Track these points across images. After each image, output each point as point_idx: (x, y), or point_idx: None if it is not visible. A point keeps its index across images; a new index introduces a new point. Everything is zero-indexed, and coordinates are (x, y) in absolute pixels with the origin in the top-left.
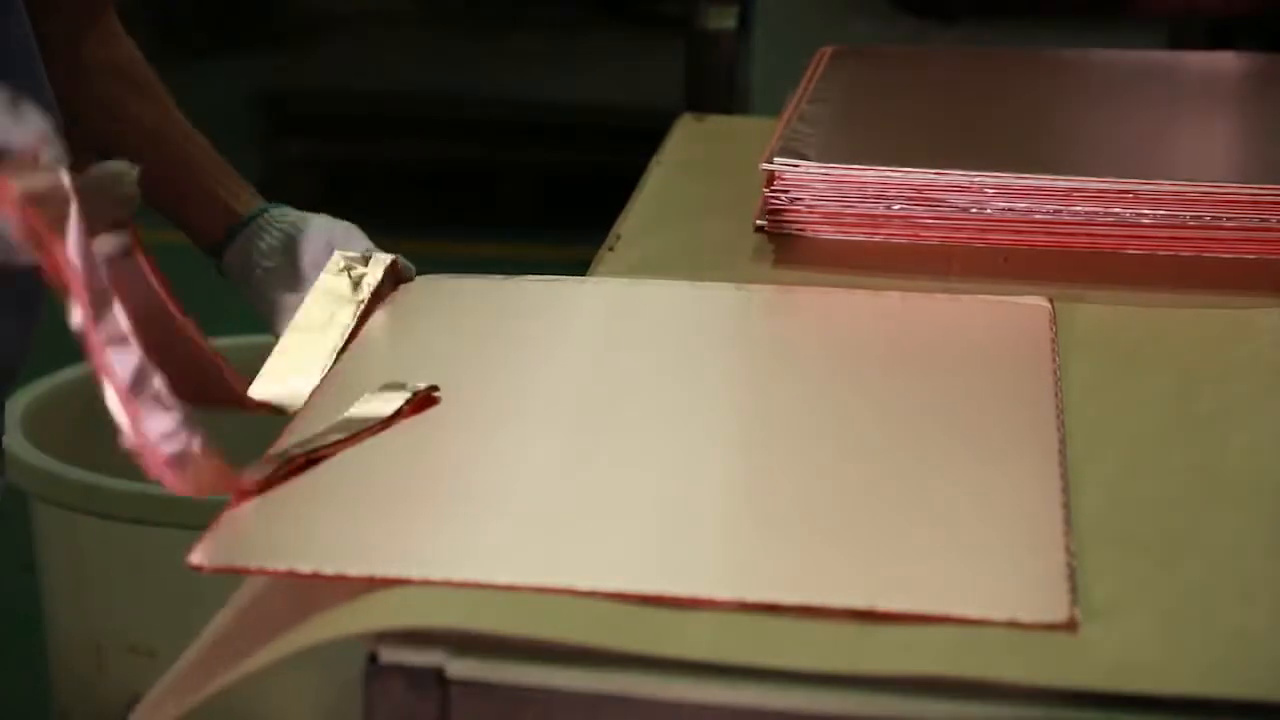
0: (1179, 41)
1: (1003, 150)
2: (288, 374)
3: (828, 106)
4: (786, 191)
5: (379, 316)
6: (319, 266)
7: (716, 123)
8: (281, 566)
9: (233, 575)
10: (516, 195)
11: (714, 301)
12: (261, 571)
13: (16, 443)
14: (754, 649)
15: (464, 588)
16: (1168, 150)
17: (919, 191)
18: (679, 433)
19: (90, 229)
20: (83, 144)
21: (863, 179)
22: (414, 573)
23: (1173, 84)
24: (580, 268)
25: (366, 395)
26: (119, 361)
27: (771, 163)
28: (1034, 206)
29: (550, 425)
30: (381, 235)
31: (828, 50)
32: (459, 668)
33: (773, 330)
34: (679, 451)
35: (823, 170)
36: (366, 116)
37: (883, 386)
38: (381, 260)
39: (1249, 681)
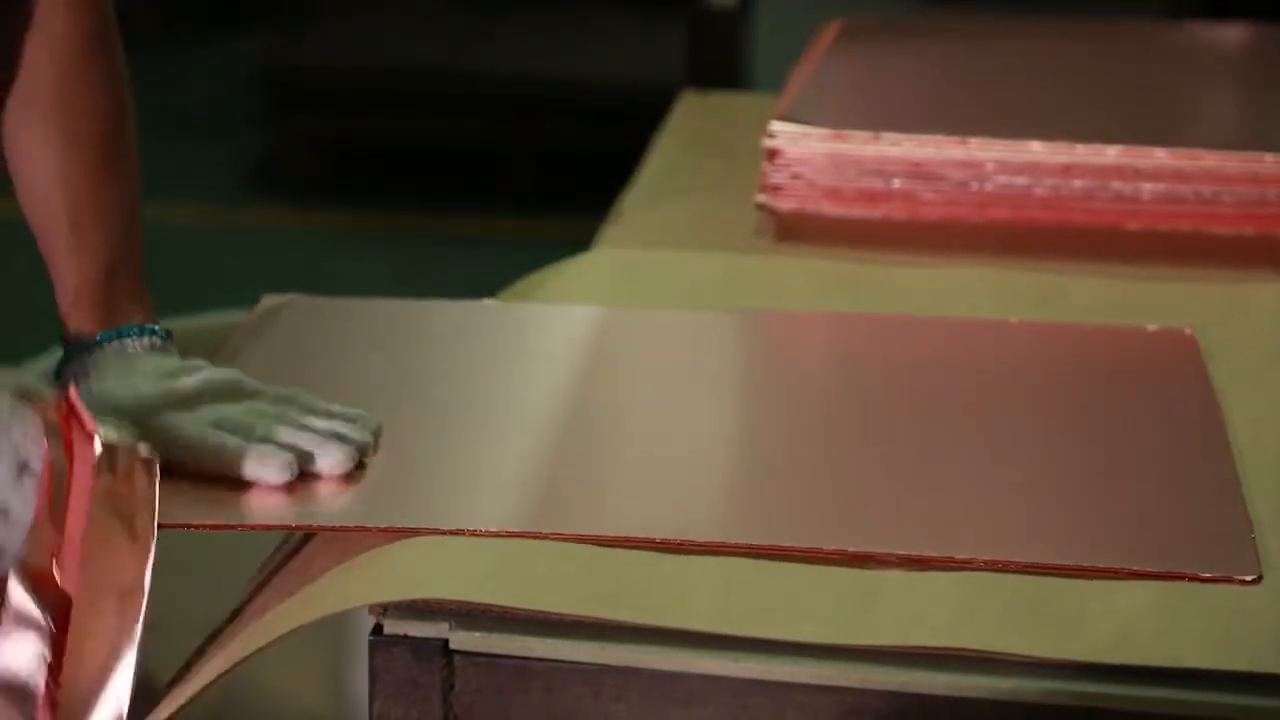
0: (1178, 12)
1: (1006, 122)
2: None
3: (830, 79)
4: (788, 167)
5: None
6: None
7: (719, 99)
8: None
9: (240, 550)
10: (519, 171)
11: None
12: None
13: None
14: (756, 621)
15: (467, 559)
16: (1170, 121)
17: (918, 167)
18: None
19: None
20: None
21: (863, 155)
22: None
23: (1178, 54)
24: (583, 243)
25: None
26: None
27: (772, 132)
28: (1033, 182)
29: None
30: (384, 212)
31: (832, 24)
32: (463, 639)
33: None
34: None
35: (823, 144)
36: (368, 93)
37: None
38: None
39: (1249, 656)
